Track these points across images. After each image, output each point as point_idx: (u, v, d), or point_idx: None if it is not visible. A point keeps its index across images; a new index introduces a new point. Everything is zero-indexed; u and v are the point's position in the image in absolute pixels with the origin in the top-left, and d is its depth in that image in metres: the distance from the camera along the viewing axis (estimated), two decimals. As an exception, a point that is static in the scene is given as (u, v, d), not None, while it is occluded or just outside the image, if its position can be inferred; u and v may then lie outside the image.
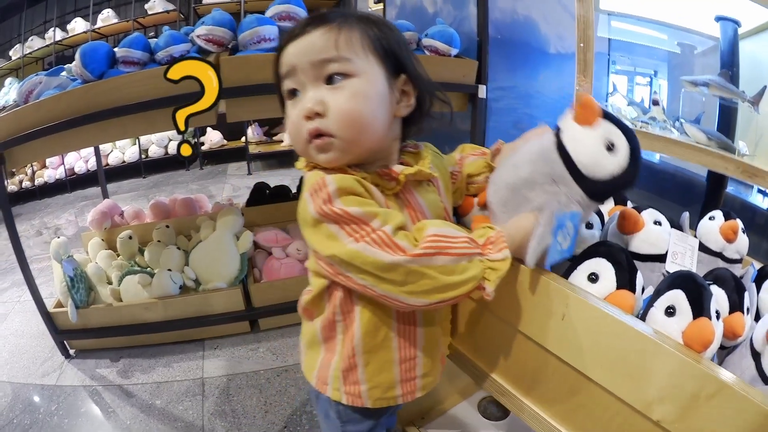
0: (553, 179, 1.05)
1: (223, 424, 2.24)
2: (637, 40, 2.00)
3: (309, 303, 1.18)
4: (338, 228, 0.93)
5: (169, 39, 2.41)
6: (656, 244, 1.20)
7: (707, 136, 1.73)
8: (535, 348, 1.15)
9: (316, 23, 0.99)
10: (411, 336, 1.15)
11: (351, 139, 0.97)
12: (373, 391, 1.17)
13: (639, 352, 0.91)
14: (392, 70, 1.03)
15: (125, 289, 2.79)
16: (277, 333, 2.88)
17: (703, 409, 0.83)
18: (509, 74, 2.96)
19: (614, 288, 1.04)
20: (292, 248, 3.03)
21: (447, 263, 0.91)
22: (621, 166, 1.00)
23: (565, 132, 1.04)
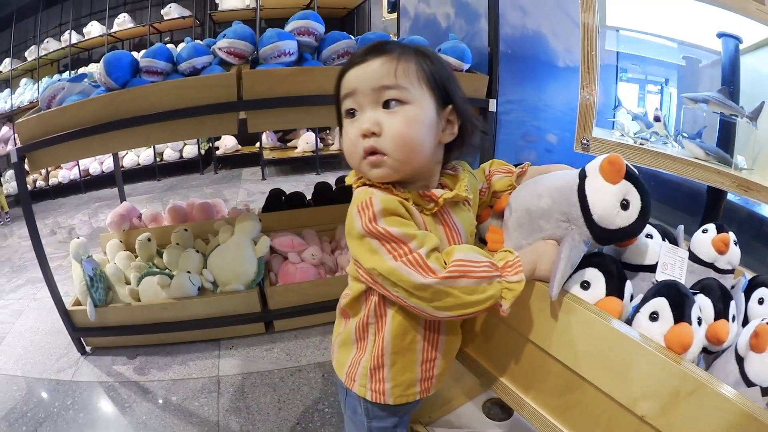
0: (567, 218, 1.15)
1: (237, 421, 2.31)
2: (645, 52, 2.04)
3: (347, 305, 1.30)
4: (380, 244, 1.04)
5: (191, 51, 2.48)
6: (647, 255, 1.30)
7: (705, 151, 1.77)
8: (534, 349, 1.26)
9: (377, 52, 1.10)
10: (434, 341, 1.27)
11: (401, 159, 1.08)
12: (396, 389, 1.28)
13: (625, 353, 1.01)
14: (441, 100, 1.13)
15: (144, 290, 2.86)
16: (291, 334, 2.94)
17: (683, 406, 0.92)
18: (518, 88, 3.01)
19: (604, 295, 1.14)
20: (307, 253, 3.11)
21: (469, 285, 1.02)
22: (629, 221, 1.10)
23: (589, 180, 1.13)
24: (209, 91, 2.33)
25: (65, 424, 2.36)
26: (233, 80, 2.34)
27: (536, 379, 1.31)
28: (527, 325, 1.25)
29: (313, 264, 3.08)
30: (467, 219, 1.25)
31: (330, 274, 3.12)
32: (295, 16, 2.59)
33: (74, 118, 2.31)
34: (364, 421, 1.38)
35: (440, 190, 1.17)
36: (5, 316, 3.49)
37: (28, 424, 2.36)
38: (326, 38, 2.60)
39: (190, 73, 2.48)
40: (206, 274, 2.90)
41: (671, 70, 1.96)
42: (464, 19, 3.23)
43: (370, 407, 1.35)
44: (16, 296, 3.82)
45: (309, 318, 2.98)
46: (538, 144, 3.07)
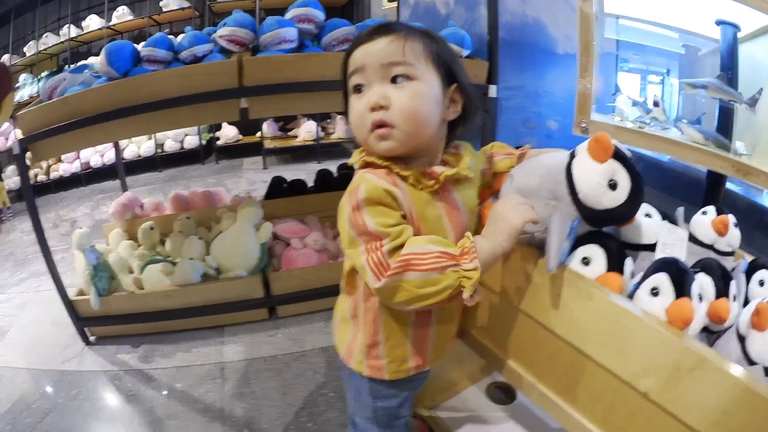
0: (555, 196, 1.17)
1: (242, 406, 2.32)
2: (644, 40, 2.05)
3: (345, 282, 1.34)
4: (357, 236, 1.10)
5: (192, 39, 2.49)
6: (646, 234, 1.30)
7: (704, 136, 1.78)
8: (536, 327, 1.27)
9: (384, 32, 1.13)
10: (426, 314, 1.29)
11: (409, 132, 1.10)
12: (391, 365, 1.32)
13: (626, 327, 1.02)
14: (445, 79, 1.16)
15: (147, 278, 2.88)
16: (294, 320, 2.95)
17: (685, 381, 0.93)
18: (518, 74, 3.02)
19: (604, 270, 1.15)
20: (309, 239, 3.12)
21: (418, 278, 1.04)
22: (617, 202, 1.11)
23: (577, 159, 1.15)
24: (211, 78, 2.35)
25: (71, 414, 2.37)
26: (234, 67, 2.35)
27: (539, 358, 1.33)
28: (529, 301, 1.27)
29: (316, 249, 3.10)
30: (468, 196, 1.27)
31: (332, 260, 3.13)
32: (294, 3, 2.61)
33: (76, 108, 2.32)
34: (369, 402, 1.41)
35: (441, 167, 1.19)
36: (9, 309, 3.51)
37: (34, 415, 2.37)
38: (326, 25, 2.62)
39: (191, 62, 2.50)
40: (209, 260, 2.92)
41: (673, 61, 1.97)
42: (464, 6, 3.24)
43: (375, 386, 1.38)
44: (20, 290, 3.84)
45: (312, 303, 2.99)
46: (539, 130, 3.08)
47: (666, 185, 2.35)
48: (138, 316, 2.87)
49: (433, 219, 1.16)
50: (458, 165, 1.22)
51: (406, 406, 1.48)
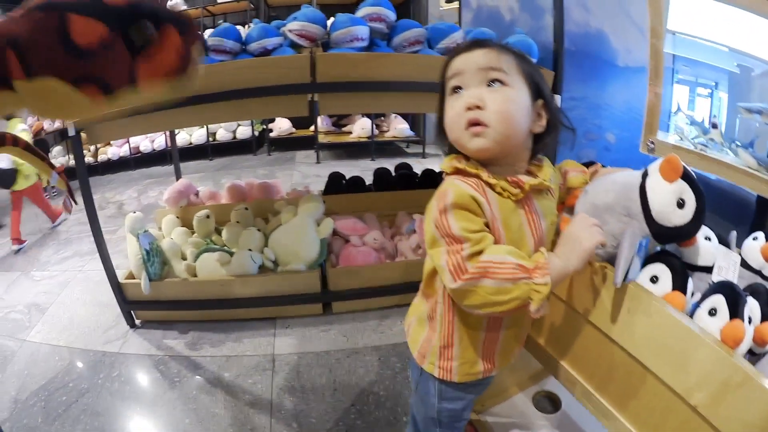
0: (628, 213, 1.22)
1: (291, 399, 2.32)
2: (696, 54, 2.05)
3: (425, 284, 1.40)
4: (440, 236, 1.15)
5: (261, 32, 2.51)
6: (705, 257, 1.33)
7: (758, 161, 1.80)
8: (600, 337, 1.32)
9: (481, 44, 1.21)
10: (497, 319, 1.33)
11: (501, 132, 1.13)
12: (462, 367, 1.36)
13: (685, 343, 1.07)
14: (533, 94, 1.20)
15: (201, 266, 2.89)
16: (348, 317, 2.95)
17: (731, 397, 0.97)
18: (581, 85, 3.02)
19: (670, 289, 1.19)
20: (369, 237, 3.13)
21: (492, 285, 1.09)
22: (685, 220, 1.17)
23: (650, 178, 1.20)
24: (283, 72, 2.36)
25: (109, 396, 2.39)
26: (307, 62, 2.36)
27: (598, 367, 1.37)
28: (595, 312, 1.31)
29: (374, 248, 3.11)
30: (549, 207, 1.30)
31: (389, 259, 3.14)
32: (366, 2, 2.60)
33: (138, 94, 2.32)
34: (435, 403, 1.45)
35: (527, 176, 1.22)
36: (51, 287, 3.57)
37: (69, 394, 2.40)
38: (397, 26, 2.62)
39: (259, 54, 2.51)
40: (267, 252, 2.92)
41: (721, 74, 1.98)
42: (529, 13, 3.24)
43: (444, 388, 1.42)
44: (62, 268, 3.90)
45: (368, 301, 3.00)
46: (598, 142, 3.07)
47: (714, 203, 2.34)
48: (189, 303, 2.89)
49: (516, 227, 1.19)
50: (541, 176, 1.26)
51: (469, 409, 1.53)
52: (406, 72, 2.46)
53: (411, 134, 7.16)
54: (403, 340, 2.62)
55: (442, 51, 2.62)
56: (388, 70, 2.42)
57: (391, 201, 3.60)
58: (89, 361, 2.66)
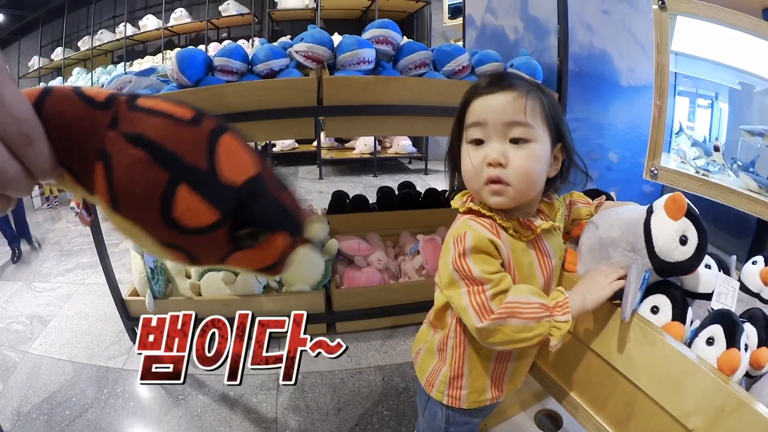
0: (633, 248, 1.24)
1: (296, 419, 2.33)
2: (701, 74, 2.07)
3: (434, 317, 1.42)
4: (460, 278, 1.18)
5: (268, 52, 2.51)
6: (705, 284, 1.38)
7: (759, 184, 1.83)
8: (603, 365, 1.37)
9: (505, 86, 1.18)
10: (506, 355, 1.37)
11: (522, 191, 1.16)
12: (471, 395, 1.39)
13: (683, 371, 1.12)
14: (554, 138, 1.21)
15: (206, 284, 2.90)
16: (352, 337, 2.96)
17: (726, 422, 1.03)
18: (584, 106, 3.02)
19: (670, 319, 1.23)
20: (373, 258, 3.13)
21: (518, 324, 1.13)
22: (686, 256, 1.19)
23: (655, 215, 1.22)
24: (290, 94, 2.37)
25: (113, 412, 2.39)
26: (314, 84, 2.37)
27: (601, 393, 1.42)
28: (599, 342, 1.35)
29: (379, 269, 3.11)
30: (557, 244, 1.34)
31: (393, 280, 3.15)
32: (373, 24, 2.63)
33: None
34: (442, 426, 1.48)
35: (539, 220, 1.26)
36: (53, 299, 3.57)
37: (73, 408, 2.39)
38: (403, 48, 2.63)
39: (266, 75, 2.52)
40: (272, 273, 2.90)
41: (722, 87, 2.00)
42: (533, 34, 3.25)
43: (451, 414, 1.45)
44: (65, 280, 3.90)
45: (371, 321, 3.01)
46: (600, 162, 3.08)
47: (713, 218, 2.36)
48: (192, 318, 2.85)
49: (527, 266, 1.23)
50: (552, 215, 1.31)
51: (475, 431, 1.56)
52: (412, 95, 2.47)
53: (413, 150, 7.22)
54: (406, 360, 2.66)
55: (448, 74, 2.64)
56: (395, 93, 2.43)
57: (395, 221, 3.61)
58: (92, 376, 2.66)
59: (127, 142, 0.49)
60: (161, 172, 0.49)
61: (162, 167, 0.49)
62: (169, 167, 0.49)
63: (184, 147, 0.51)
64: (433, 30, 6.59)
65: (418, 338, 1.54)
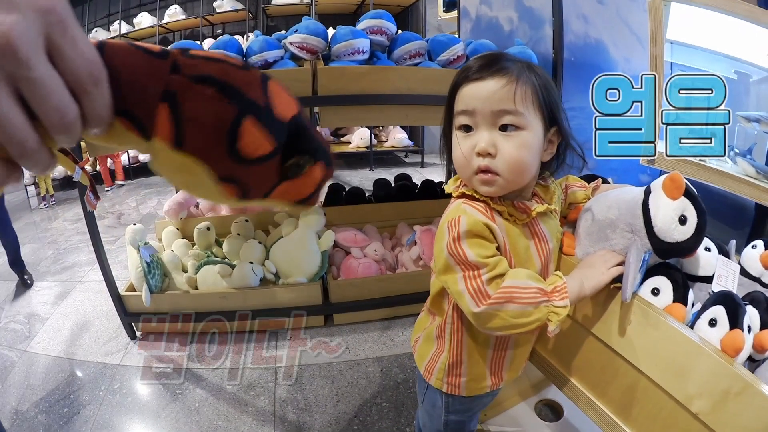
0: (632, 229, 1.23)
1: (294, 411, 2.33)
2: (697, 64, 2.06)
3: (431, 301, 1.40)
4: (455, 263, 1.15)
5: (263, 44, 2.51)
6: (705, 267, 1.35)
7: (756, 169, 1.82)
8: (603, 349, 1.34)
9: (495, 71, 1.13)
10: (504, 341, 1.35)
11: (512, 180, 1.14)
12: (470, 383, 1.38)
13: (686, 353, 1.10)
14: (548, 122, 1.17)
15: (203, 278, 2.89)
16: (350, 328, 2.96)
17: (732, 404, 1.01)
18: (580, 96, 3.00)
19: (671, 301, 1.22)
20: (369, 249, 3.14)
21: (515, 309, 1.11)
22: (686, 236, 1.18)
23: (653, 195, 1.21)
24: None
25: (111, 408, 2.39)
26: (309, 75, 2.37)
27: (602, 378, 1.39)
28: (599, 325, 1.33)
29: (375, 260, 3.11)
30: (554, 227, 1.32)
31: (390, 271, 3.16)
32: (367, 14, 2.62)
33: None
34: (442, 414, 1.47)
35: (533, 203, 1.24)
36: (50, 297, 3.57)
37: (71, 405, 2.39)
38: (397, 38, 2.63)
39: (261, 67, 2.50)
40: (269, 265, 2.93)
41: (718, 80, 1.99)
42: (528, 24, 3.25)
43: (450, 401, 1.43)
44: (62, 278, 3.90)
45: (369, 313, 3.01)
46: (597, 151, 3.08)
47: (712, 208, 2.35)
48: (191, 315, 2.88)
49: (523, 250, 1.21)
50: (547, 198, 1.29)
51: (475, 420, 1.58)
52: (407, 85, 2.46)
53: (410, 144, 7.20)
54: (404, 351, 2.65)
55: (443, 63, 2.63)
56: (390, 83, 2.43)
57: (391, 212, 3.60)
58: (90, 372, 2.65)
59: (194, 83, 0.52)
60: (230, 106, 0.52)
61: (231, 102, 0.53)
62: (236, 102, 0.53)
63: (245, 86, 0.54)
64: (428, 23, 6.59)
65: (417, 326, 1.52)
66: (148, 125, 0.52)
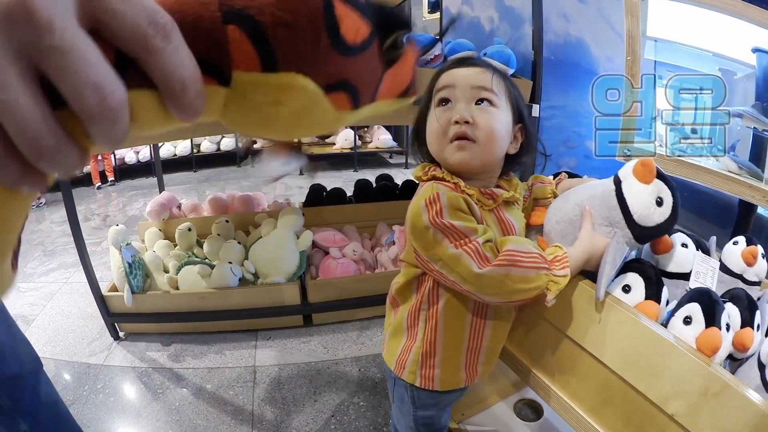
0: (610, 222, 1.24)
1: (272, 410, 2.34)
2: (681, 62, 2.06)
3: (397, 292, 1.40)
4: (443, 236, 1.14)
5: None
6: (682, 264, 1.35)
7: (738, 165, 1.82)
8: (574, 348, 1.32)
9: (473, 63, 1.26)
10: (480, 329, 1.34)
11: (485, 149, 1.19)
12: (444, 375, 1.37)
13: (660, 353, 1.07)
14: (515, 118, 1.26)
15: (183, 278, 2.89)
16: (329, 328, 2.97)
17: (710, 405, 0.97)
18: (561, 94, 3.02)
19: (643, 299, 1.21)
20: (348, 249, 3.13)
21: (517, 274, 1.11)
22: (664, 217, 1.20)
23: (625, 184, 1.23)
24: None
25: (94, 408, 2.39)
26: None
27: (574, 377, 1.37)
28: (570, 323, 1.32)
29: (354, 260, 3.11)
30: (519, 217, 1.36)
31: (369, 271, 3.16)
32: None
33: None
34: (410, 410, 1.47)
35: (500, 189, 1.28)
36: (36, 299, 3.55)
37: None
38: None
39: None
40: (248, 265, 2.93)
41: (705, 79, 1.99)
42: (508, 23, 3.25)
43: (417, 394, 1.43)
44: (48, 279, 3.88)
45: (347, 313, 3.01)
46: (578, 150, 3.08)
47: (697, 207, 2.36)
48: (171, 316, 2.89)
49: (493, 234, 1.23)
50: (511, 189, 1.33)
51: (446, 416, 1.57)
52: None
53: (394, 145, 7.21)
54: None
55: (421, 63, 2.62)
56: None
57: (372, 212, 3.61)
58: (74, 373, 2.66)
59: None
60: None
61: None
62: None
63: None
64: (413, 25, 6.57)
65: (386, 324, 1.52)
66: (223, 63, 0.40)
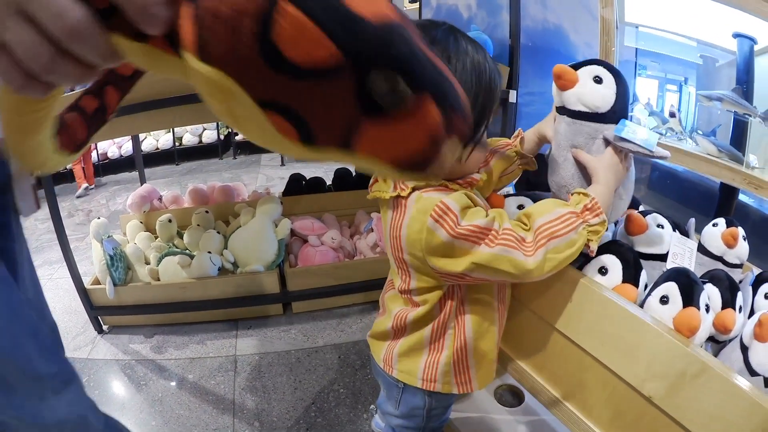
0: (591, 136, 1.23)
1: (253, 399, 2.35)
2: (663, 49, 2.05)
3: (414, 322, 1.29)
4: (471, 243, 1.07)
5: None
6: (658, 245, 1.35)
7: (718, 148, 1.80)
8: (549, 330, 1.32)
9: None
10: (503, 314, 1.35)
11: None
12: (480, 373, 1.35)
13: (635, 333, 1.06)
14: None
15: (164, 269, 2.89)
16: (308, 316, 2.97)
17: (689, 388, 0.96)
18: (539, 81, 3.02)
19: (620, 281, 1.19)
20: (327, 237, 3.14)
21: (560, 243, 1.09)
22: (613, 90, 1.20)
23: (566, 101, 1.24)
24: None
25: (80, 401, 2.38)
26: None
27: (549, 360, 1.37)
28: (545, 307, 1.31)
29: (333, 247, 3.12)
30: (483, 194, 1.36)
31: (348, 258, 3.16)
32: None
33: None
34: (424, 415, 1.43)
35: (478, 175, 1.23)
36: (21, 295, 3.52)
37: None
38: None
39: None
40: (227, 254, 2.93)
41: (690, 69, 1.98)
42: (486, 10, 3.25)
43: (435, 404, 1.40)
44: (33, 276, 3.86)
45: (327, 300, 3.01)
46: (557, 136, 3.09)
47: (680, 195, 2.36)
48: (153, 307, 2.89)
49: None
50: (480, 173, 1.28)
51: (450, 409, 1.56)
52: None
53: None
54: (362, 338, 2.68)
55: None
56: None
57: (351, 200, 3.58)
58: (59, 367, 2.64)
59: None
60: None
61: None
62: None
63: None
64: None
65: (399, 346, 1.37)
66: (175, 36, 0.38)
